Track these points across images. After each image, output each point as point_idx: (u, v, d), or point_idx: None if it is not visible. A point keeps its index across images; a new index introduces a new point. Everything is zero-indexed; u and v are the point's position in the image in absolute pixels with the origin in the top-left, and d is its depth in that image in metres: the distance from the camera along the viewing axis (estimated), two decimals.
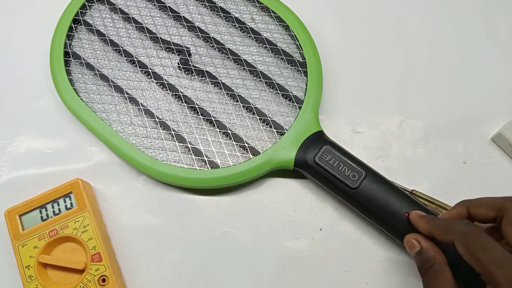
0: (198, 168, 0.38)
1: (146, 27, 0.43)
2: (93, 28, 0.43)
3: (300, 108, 0.39)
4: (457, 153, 0.41)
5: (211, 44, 0.42)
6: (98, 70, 0.41)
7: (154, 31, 0.43)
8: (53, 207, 0.37)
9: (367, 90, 0.43)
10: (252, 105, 0.40)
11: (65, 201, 0.37)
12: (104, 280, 0.35)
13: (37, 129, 0.42)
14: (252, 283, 0.37)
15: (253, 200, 0.39)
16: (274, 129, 0.39)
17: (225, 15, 0.43)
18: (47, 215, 0.37)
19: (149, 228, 0.39)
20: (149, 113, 0.40)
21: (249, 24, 0.43)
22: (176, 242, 0.38)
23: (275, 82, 0.40)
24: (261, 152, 0.38)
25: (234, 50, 0.42)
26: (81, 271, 0.35)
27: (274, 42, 0.42)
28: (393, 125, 0.42)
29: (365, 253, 0.38)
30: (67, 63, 0.41)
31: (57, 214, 0.37)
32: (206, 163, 0.38)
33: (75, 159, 0.41)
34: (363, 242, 0.38)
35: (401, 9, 0.46)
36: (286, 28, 0.43)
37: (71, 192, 0.37)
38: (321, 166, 0.36)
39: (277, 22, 0.43)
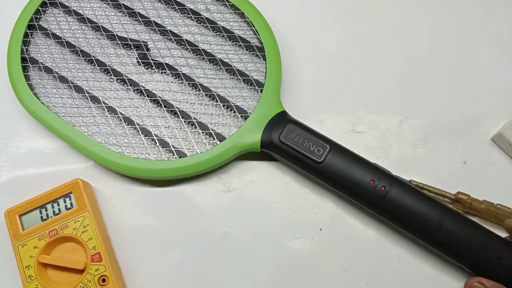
0: (166, 159, 0.38)
1: (101, 26, 0.43)
2: (49, 32, 0.43)
3: (261, 91, 0.40)
4: (457, 153, 0.41)
5: (169, 37, 0.43)
6: (56, 73, 0.41)
7: (110, 29, 0.43)
8: (53, 207, 0.37)
9: (367, 90, 0.43)
10: (214, 93, 0.40)
11: (65, 201, 0.37)
12: (104, 280, 0.35)
13: (37, 129, 0.42)
14: (252, 283, 0.37)
15: (253, 200, 0.39)
16: (238, 114, 0.39)
17: (180, 7, 0.44)
18: (47, 215, 0.37)
19: (149, 228, 0.39)
20: (112, 110, 0.40)
21: (204, 14, 0.44)
22: (176, 242, 0.38)
23: (235, 69, 0.41)
24: (227, 137, 0.38)
25: (191, 41, 0.43)
26: (81, 271, 0.35)
27: (231, 30, 0.43)
28: (393, 125, 0.42)
29: (365, 253, 0.38)
30: (25, 69, 0.41)
31: (57, 214, 0.37)
32: (174, 153, 0.38)
33: (75, 159, 0.41)
34: (363, 242, 0.38)
35: (401, 9, 0.46)
36: (241, 15, 0.43)
37: (71, 192, 0.37)
38: (286, 144, 0.37)
39: (232, 10, 0.44)
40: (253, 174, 0.40)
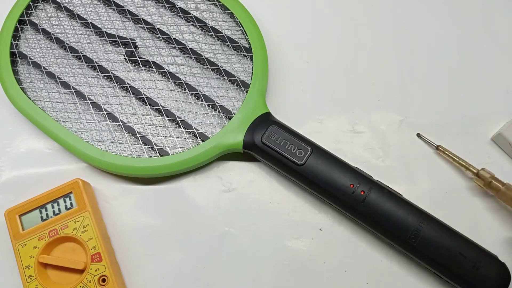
0: (148, 157, 0.38)
1: (91, 22, 0.43)
2: (39, 27, 0.43)
3: (247, 92, 0.40)
4: (457, 153, 0.41)
5: (157, 35, 0.43)
6: (44, 68, 0.41)
7: (99, 26, 0.43)
8: (53, 207, 0.37)
9: (367, 90, 0.43)
10: (200, 92, 0.40)
11: (65, 201, 0.37)
12: (104, 280, 0.35)
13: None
14: (252, 283, 0.37)
15: (253, 200, 0.39)
16: (222, 114, 0.40)
17: (170, 6, 0.44)
18: (47, 215, 0.37)
19: (149, 228, 0.39)
20: (97, 107, 0.40)
21: (194, 13, 0.44)
22: (176, 242, 0.38)
23: (221, 69, 0.41)
24: (210, 137, 0.38)
25: (180, 40, 0.43)
26: (81, 271, 0.35)
27: (220, 30, 0.43)
28: (393, 125, 0.42)
29: (365, 253, 0.38)
30: (14, 63, 0.41)
31: (57, 214, 0.37)
32: (156, 152, 0.38)
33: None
34: (363, 242, 0.38)
35: (401, 9, 0.46)
36: (231, 15, 0.43)
37: (71, 192, 0.37)
38: (268, 145, 0.37)
39: (222, 10, 0.44)
40: (253, 174, 0.40)
